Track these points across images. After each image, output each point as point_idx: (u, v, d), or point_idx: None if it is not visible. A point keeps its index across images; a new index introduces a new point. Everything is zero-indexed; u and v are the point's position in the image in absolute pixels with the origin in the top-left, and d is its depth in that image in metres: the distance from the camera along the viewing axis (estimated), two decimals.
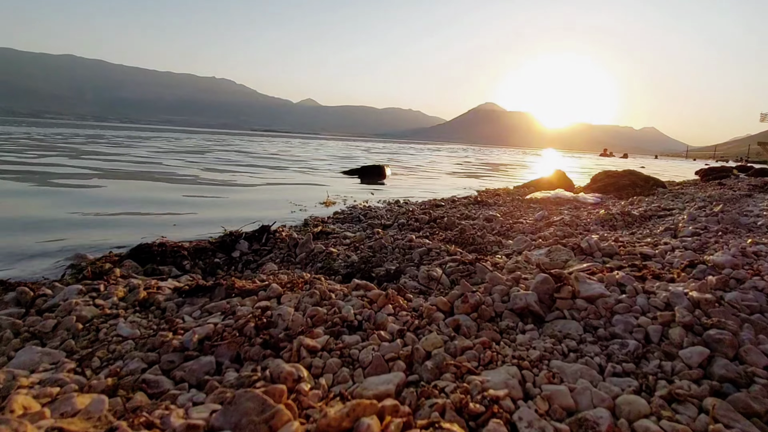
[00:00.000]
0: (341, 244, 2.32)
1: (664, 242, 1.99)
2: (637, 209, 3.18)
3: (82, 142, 13.67)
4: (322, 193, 4.83)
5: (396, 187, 6.12)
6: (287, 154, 13.95)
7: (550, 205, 4.20)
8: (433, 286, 1.42)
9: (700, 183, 8.92)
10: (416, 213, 3.54)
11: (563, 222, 2.66)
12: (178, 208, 3.51)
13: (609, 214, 2.93)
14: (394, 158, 15.99)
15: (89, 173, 5.65)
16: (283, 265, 1.88)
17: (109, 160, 7.73)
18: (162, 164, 7.59)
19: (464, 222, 2.82)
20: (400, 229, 2.69)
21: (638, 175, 5.98)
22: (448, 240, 2.20)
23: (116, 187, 4.59)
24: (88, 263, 1.86)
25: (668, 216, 2.99)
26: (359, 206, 3.91)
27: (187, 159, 9.33)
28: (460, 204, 4.15)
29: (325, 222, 3.14)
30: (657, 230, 2.48)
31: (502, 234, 2.54)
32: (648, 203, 3.73)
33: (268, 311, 1.09)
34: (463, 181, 7.51)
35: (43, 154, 8.30)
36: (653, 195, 5.07)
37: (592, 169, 15.85)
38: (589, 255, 1.57)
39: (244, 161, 9.32)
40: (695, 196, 4.26)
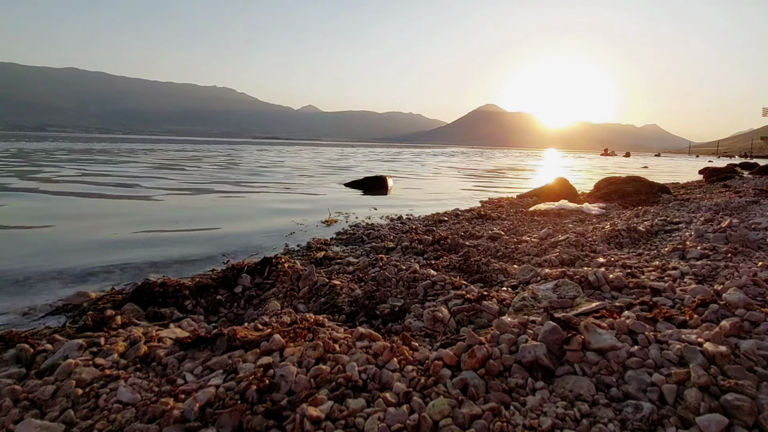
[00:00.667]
0: (344, 272, 2.30)
1: (673, 266, 1.96)
2: (642, 223, 3.15)
3: (75, 157, 13.78)
4: (324, 209, 4.81)
5: (398, 198, 6.10)
6: (288, 165, 13.97)
7: (554, 218, 4.16)
8: (438, 328, 1.39)
9: (705, 185, 8.86)
10: (419, 231, 3.52)
11: (569, 242, 2.62)
12: (177, 229, 3.50)
13: (615, 230, 2.90)
14: (395, 165, 15.99)
15: (83, 191, 5.66)
16: (286, 300, 1.86)
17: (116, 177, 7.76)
18: (157, 180, 7.61)
19: (468, 243, 2.79)
20: (403, 253, 2.66)
21: (642, 182, 5.94)
22: (453, 267, 2.17)
23: (124, 205, 4.59)
24: (90, 304, 1.84)
25: (675, 231, 2.95)
26: (362, 224, 3.89)
27: (180, 174, 9.35)
28: (463, 219, 4.13)
29: (328, 244, 3.12)
30: (665, 249, 2.45)
31: (507, 255, 2.51)
32: (653, 215, 3.69)
33: (270, 370, 1.07)
34: (465, 190, 7.48)
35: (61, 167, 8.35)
36: (658, 203, 5.03)
37: (593, 170, 15.80)
38: (597, 289, 1.54)
39: (242, 178, 9.33)
40: (701, 205, 4.22)
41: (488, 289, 1.80)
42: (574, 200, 5.79)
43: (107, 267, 2.60)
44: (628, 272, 1.85)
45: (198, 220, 4.03)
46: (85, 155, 15.57)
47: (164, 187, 6.72)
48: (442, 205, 5.51)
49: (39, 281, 2.27)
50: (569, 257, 2.26)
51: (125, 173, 8.76)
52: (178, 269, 2.62)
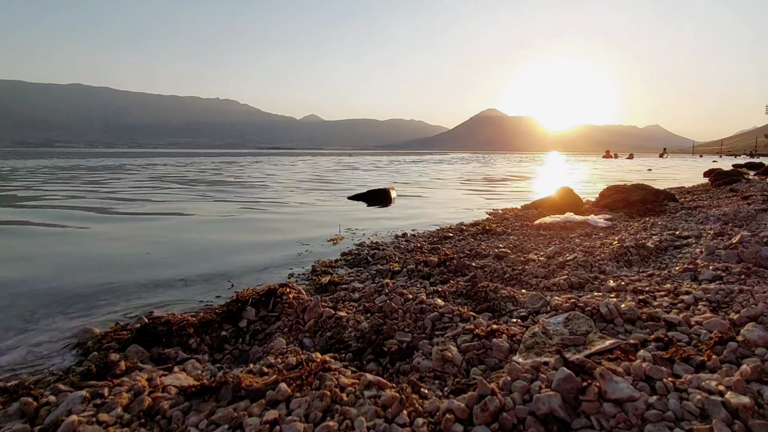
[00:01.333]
0: (350, 299, 2.28)
1: (685, 290, 1.92)
2: (651, 238, 3.10)
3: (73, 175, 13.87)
4: (328, 226, 4.80)
5: (402, 211, 6.07)
6: (291, 179, 14.01)
7: (561, 231, 4.13)
8: (448, 369, 1.36)
9: (711, 189, 8.78)
10: (424, 250, 3.49)
11: (576, 262, 2.59)
12: (181, 252, 3.48)
13: (623, 247, 2.86)
14: (397, 174, 15.99)
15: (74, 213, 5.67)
16: (291, 334, 1.83)
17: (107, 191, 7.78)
18: (157, 197, 7.63)
19: (475, 264, 2.76)
20: (409, 276, 2.63)
21: (647, 190, 5.89)
22: (460, 293, 2.14)
23: (119, 227, 4.59)
24: (95, 342, 1.82)
25: (685, 246, 2.91)
26: (367, 242, 3.86)
27: (184, 189, 9.38)
28: (468, 234, 4.09)
29: (333, 266, 3.10)
30: (675, 268, 2.41)
31: (515, 278, 2.48)
32: (661, 228, 3.65)
33: (277, 426, 1.04)
34: (469, 200, 7.45)
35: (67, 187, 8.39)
36: (664, 212, 4.98)
37: (596, 175, 15.74)
38: (610, 322, 1.50)
39: (243, 194, 9.35)
40: (709, 214, 4.16)
41: (497, 320, 1.77)
42: (579, 210, 5.75)
43: (112, 294, 2.59)
44: (640, 299, 1.81)
45: (200, 240, 4.02)
46: (76, 173, 15.72)
47: (167, 200, 6.74)
48: (445, 218, 5.48)
49: (45, 316, 2.26)
50: (578, 280, 2.22)
51: (113, 193, 8.81)
52: (183, 295, 2.60)
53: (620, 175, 16.78)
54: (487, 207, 6.64)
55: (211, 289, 2.72)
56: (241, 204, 6.79)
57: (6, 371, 1.68)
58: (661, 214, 4.83)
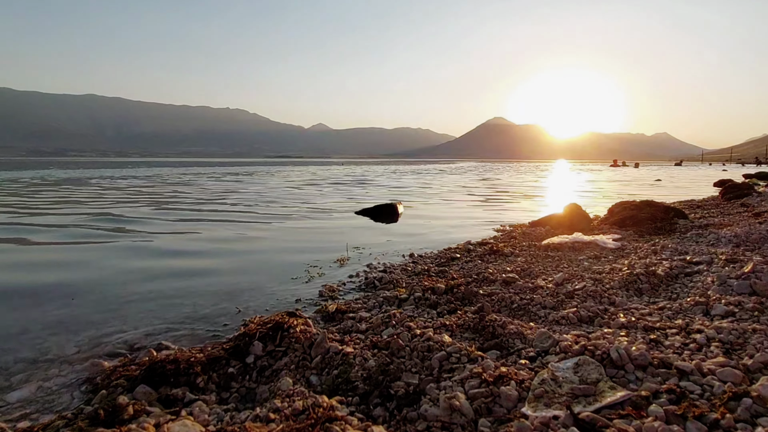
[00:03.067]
0: (357, 330, 2.28)
1: (697, 328, 1.89)
2: (661, 264, 3.07)
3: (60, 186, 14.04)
4: (335, 243, 4.81)
5: (409, 227, 6.07)
6: (297, 191, 14.10)
7: (569, 252, 4.10)
8: (456, 419, 1.35)
9: (721, 203, 8.69)
10: (432, 272, 3.49)
11: (586, 292, 2.56)
12: (187, 274, 3.49)
13: (633, 275, 2.83)
14: (403, 185, 16.02)
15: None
16: (298, 371, 1.83)
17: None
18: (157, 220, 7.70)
19: (482, 291, 2.75)
20: (416, 305, 2.62)
21: (657, 207, 5.84)
22: (467, 327, 2.12)
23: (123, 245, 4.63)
24: (103, 379, 1.83)
25: (696, 274, 2.87)
26: (374, 264, 3.86)
27: (184, 204, 9.45)
28: (475, 255, 4.08)
29: (340, 290, 3.10)
30: (687, 299, 2.37)
31: (522, 308, 2.46)
32: (671, 251, 3.61)
33: None
34: (476, 214, 7.42)
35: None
36: (674, 230, 4.93)
37: (604, 188, 15.63)
38: (621, 368, 1.48)
39: (249, 209, 9.40)
40: (720, 235, 4.11)
41: (505, 360, 1.75)
42: (587, 227, 5.72)
43: (121, 321, 2.61)
44: (651, 339, 1.79)
45: (206, 261, 4.04)
46: (70, 186, 15.93)
47: (168, 219, 6.80)
48: (453, 235, 5.47)
49: (55, 345, 2.27)
50: (587, 314, 2.20)
51: (110, 209, 8.90)
52: (191, 322, 2.61)
53: (628, 188, 16.68)
54: (494, 222, 6.62)
55: (220, 314, 2.73)
56: (248, 218, 6.83)
57: (17, 409, 1.70)
58: (671, 234, 4.78)
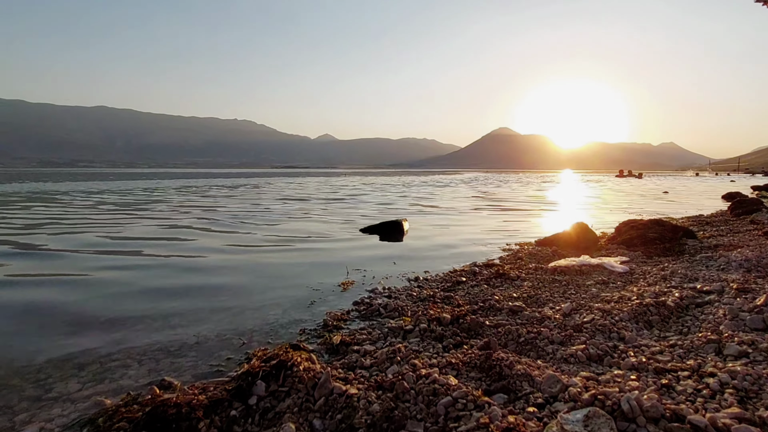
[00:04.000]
0: (362, 365, 2.25)
1: (710, 371, 1.85)
2: (671, 294, 3.02)
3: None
4: (340, 265, 4.79)
5: (414, 245, 6.04)
6: (301, 206, 14.15)
7: (576, 276, 4.06)
8: None
9: (730, 219, 8.59)
10: (438, 298, 3.46)
11: (594, 325, 2.52)
12: (189, 296, 3.47)
13: (642, 305, 2.78)
14: (409, 197, 16.01)
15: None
16: (301, 414, 1.80)
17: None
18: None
19: (489, 322, 2.71)
20: (422, 338, 2.59)
21: (665, 226, 5.78)
22: (473, 365, 2.09)
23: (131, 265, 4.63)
24: (105, 420, 1.82)
25: (707, 305, 2.82)
26: (379, 288, 3.84)
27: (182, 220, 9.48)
28: (482, 279, 4.04)
29: (345, 319, 3.08)
30: (698, 335, 2.32)
31: (530, 342, 2.42)
32: (681, 277, 3.55)
33: None
34: (482, 231, 7.37)
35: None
36: (683, 252, 4.87)
37: (611, 201, 15.51)
38: (632, 422, 1.44)
39: (251, 225, 9.41)
40: (730, 259, 4.05)
41: (513, 405, 1.71)
42: (594, 246, 5.67)
43: (125, 354, 2.59)
44: (662, 384, 1.75)
45: (212, 280, 4.03)
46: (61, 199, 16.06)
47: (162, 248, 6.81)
48: (459, 253, 5.43)
49: (59, 380, 2.26)
50: (596, 352, 2.16)
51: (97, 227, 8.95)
52: (194, 355, 2.60)
53: (635, 200, 16.58)
54: (500, 238, 6.58)
55: (223, 345, 2.71)
56: (250, 235, 6.84)
57: None
58: (680, 255, 4.72)
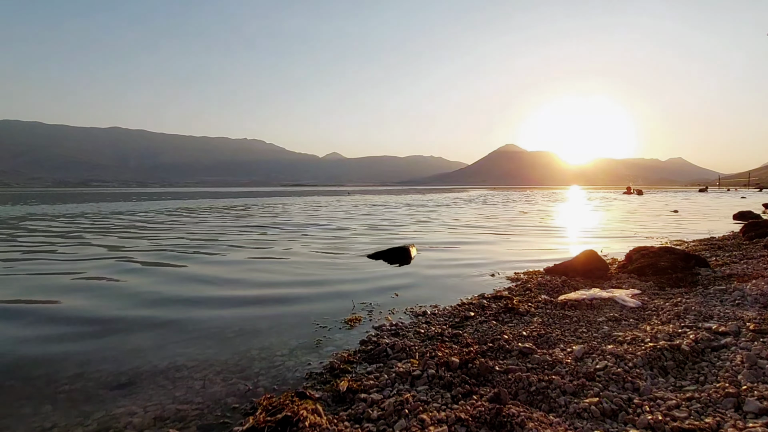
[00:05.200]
0: (368, 418, 2.21)
1: (730, 430, 1.78)
2: (686, 336, 2.95)
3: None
4: (346, 297, 4.76)
5: (422, 275, 6.00)
6: (309, 228, 14.14)
7: (587, 311, 4.00)
8: None
9: (743, 242, 8.46)
10: (446, 336, 3.43)
11: (608, 375, 2.46)
12: (195, 330, 3.45)
13: (656, 350, 2.72)
14: (414, 217, 15.99)
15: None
16: None
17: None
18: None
19: (498, 367, 2.66)
20: (430, 386, 2.54)
21: (677, 254, 5.70)
22: (483, 420, 2.03)
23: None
24: None
25: (723, 348, 2.75)
26: (386, 325, 3.79)
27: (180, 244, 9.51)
28: (490, 314, 3.99)
29: (352, 362, 3.03)
30: (716, 385, 2.26)
31: (541, 392, 2.36)
32: (695, 315, 3.48)
33: None
34: (488, 257, 7.31)
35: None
36: (696, 282, 4.79)
37: (619, 221, 15.35)
38: None
39: (257, 250, 9.42)
40: (745, 293, 3.97)
41: None
42: (604, 275, 5.61)
43: (130, 399, 2.56)
44: None
45: (215, 314, 4.01)
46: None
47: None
48: (466, 283, 5.39)
49: (62, 430, 2.24)
50: (610, 407, 2.10)
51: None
52: (200, 400, 2.56)
53: (645, 221, 16.44)
54: (508, 266, 6.51)
55: (229, 392, 2.66)
56: (261, 258, 6.84)
57: None
58: (693, 287, 4.64)
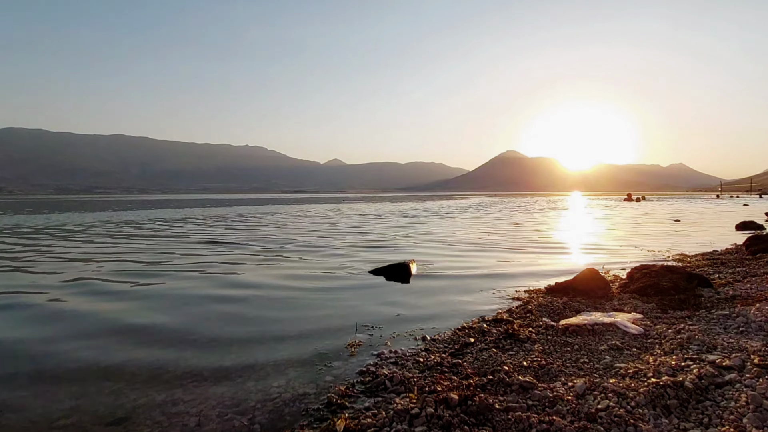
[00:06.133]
0: None
1: None
2: (689, 371, 2.90)
3: None
4: (348, 318, 4.72)
5: (421, 289, 5.99)
6: (308, 239, 14.13)
7: (588, 337, 3.97)
8: None
9: (746, 257, 8.41)
10: (445, 365, 3.39)
11: (610, 416, 2.41)
12: (196, 359, 3.41)
13: (659, 387, 2.67)
14: (413, 228, 15.96)
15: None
16: None
17: None
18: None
19: (498, 405, 2.62)
20: (428, 426, 2.50)
21: (679, 274, 5.66)
22: None
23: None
24: None
25: (727, 385, 2.70)
26: (385, 353, 3.75)
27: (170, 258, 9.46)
28: (490, 340, 3.95)
29: (350, 395, 2.99)
30: (722, 429, 2.21)
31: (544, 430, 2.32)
32: (699, 345, 3.43)
33: None
34: (488, 270, 7.26)
35: None
36: (699, 305, 4.75)
37: (620, 232, 15.28)
38: None
39: (266, 257, 9.38)
40: (749, 319, 3.93)
41: None
42: (606, 294, 5.59)
43: None
44: None
45: (219, 345, 3.97)
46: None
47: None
48: (466, 303, 5.35)
49: None
50: None
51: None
52: None
53: (646, 232, 16.40)
54: (509, 283, 6.46)
55: (225, 429, 2.63)
56: (262, 273, 6.81)
57: None
58: (696, 309, 4.59)
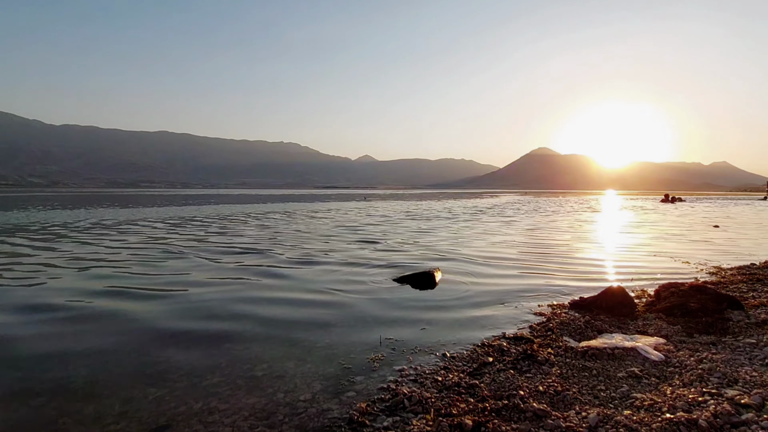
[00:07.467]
0: None
1: None
2: (706, 407, 2.92)
3: None
4: (370, 330, 4.90)
5: (446, 300, 6.12)
6: (333, 243, 14.35)
7: (607, 362, 4.01)
8: None
9: None
10: (462, 386, 3.52)
11: None
12: (203, 377, 3.65)
13: (672, 424, 2.72)
14: (437, 231, 15.96)
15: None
16: None
17: None
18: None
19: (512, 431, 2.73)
20: None
21: (708, 295, 5.55)
22: None
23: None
24: None
25: (743, 426, 2.72)
26: (406, 370, 3.91)
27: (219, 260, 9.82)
28: (509, 360, 4.04)
29: (370, 413, 3.16)
30: None
31: None
32: (719, 379, 3.42)
33: None
34: (512, 281, 7.28)
35: None
36: (726, 330, 4.67)
37: (652, 239, 14.78)
38: None
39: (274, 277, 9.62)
40: None
41: None
42: (630, 313, 5.58)
43: None
44: None
45: (230, 354, 4.22)
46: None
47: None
48: (487, 317, 5.44)
49: None
50: None
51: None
52: None
53: (681, 238, 15.84)
54: (532, 296, 6.48)
55: None
56: (283, 280, 7.09)
57: None
58: (722, 335, 4.53)
